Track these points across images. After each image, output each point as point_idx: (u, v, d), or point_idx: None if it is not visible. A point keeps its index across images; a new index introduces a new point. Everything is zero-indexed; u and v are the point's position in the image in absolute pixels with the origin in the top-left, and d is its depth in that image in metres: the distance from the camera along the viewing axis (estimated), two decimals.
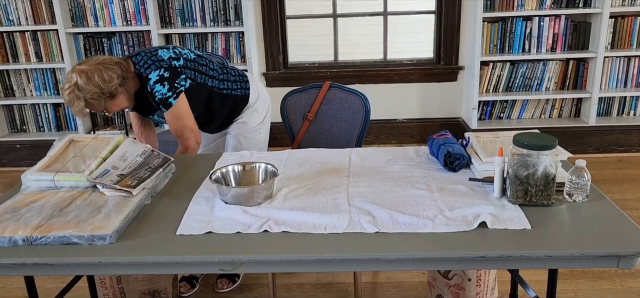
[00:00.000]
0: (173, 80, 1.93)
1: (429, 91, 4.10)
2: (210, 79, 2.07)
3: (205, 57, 2.11)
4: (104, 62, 1.86)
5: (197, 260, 1.27)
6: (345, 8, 4.03)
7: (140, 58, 1.95)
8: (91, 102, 1.85)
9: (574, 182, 1.43)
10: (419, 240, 1.29)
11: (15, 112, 4.10)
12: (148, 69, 1.93)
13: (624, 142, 3.81)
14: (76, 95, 1.82)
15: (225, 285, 2.35)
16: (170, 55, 1.97)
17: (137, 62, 1.95)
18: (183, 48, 2.07)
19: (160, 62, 1.93)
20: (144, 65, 1.93)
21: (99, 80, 1.82)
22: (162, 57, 1.95)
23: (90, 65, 1.84)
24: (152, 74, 1.92)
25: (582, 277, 2.34)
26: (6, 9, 3.75)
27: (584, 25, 3.72)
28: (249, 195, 1.49)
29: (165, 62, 1.94)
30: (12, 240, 1.32)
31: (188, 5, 3.78)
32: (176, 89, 1.94)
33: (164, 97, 1.92)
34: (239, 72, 2.22)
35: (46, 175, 1.61)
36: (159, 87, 1.92)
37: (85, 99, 1.84)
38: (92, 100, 1.85)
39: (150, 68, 1.92)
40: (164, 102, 1.93)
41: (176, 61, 1.97)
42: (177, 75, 1.95)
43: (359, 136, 2.39)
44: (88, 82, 1.81)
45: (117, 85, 1.87)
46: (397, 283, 2.35)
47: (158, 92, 1.92)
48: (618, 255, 1.21)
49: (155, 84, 1.91)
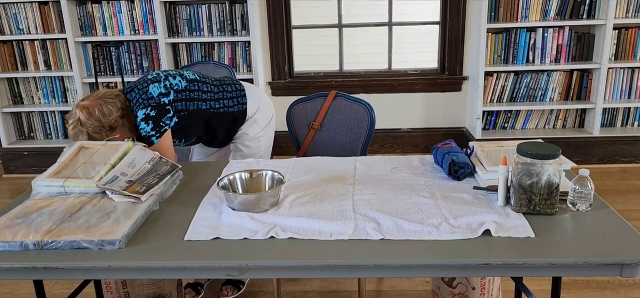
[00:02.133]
0: (159, 118, 2.00)
1: (433, 101, 4.12)
2: (204, 102, 2.12)
3: (198, 81, 2.14)
4: (104, 96, 1.95)
5: (204, 265, 1.29)
6: (350, 18, 4.06)
7: (134, 94, 2.02)
8: (93, 135, 1.93)
9: (577, 191, 1.44)
10: (423, 247, 1.30)
11: (24, 119, 4.14)
12: (136, 107, 2.00)
13: (628, 153, 3.81)
14: (79, 130, 1.92)
15: (230, 292, 2.36)
16: (161, 91, 2.02)
17: (131, 100, 2.03)
18: (176, 75, 2.10)
19: (149, 100, 2.00)
20: (135, 102, 2.01)
21: (99, 114, 1.91)
22: (151, 95, 2.01)
23: (92, 100, 1.93)
24: (139, 112, 1.99)
25: (586, 287, 2.34)
26: (16, 17, 3.81)
27: (587, 37, 3.74)
28: (256, 201, 1.51)
29: (154, 100, 2.00)
30: (23, 245, 1.34)
31: (195, 15, 3.83)
32: (161, 128, 2.01)
33: (148, 134, 1.99)
34: (236, 87, 2.23)
35: (56, 181, 1.63)
36: (144, 125, 1.99)
37: (88, 133, 1.92)
38: (94, 133, 1.93)
39: (139, 106, 2.00)
40: (146, 139, 2.00)
41: (165, 97, 2.02)
42: (164, 113, 2.01)
43: (364, 145, 2.41)
44: (89, 117, 1.90)
45: (117, 118, 1.95)
46: (402, 292, 2.35)
47: (143, 129, 1.99)
48: (621, 263, 1.23)
49: (141, 122, 1.99)
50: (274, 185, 1.63)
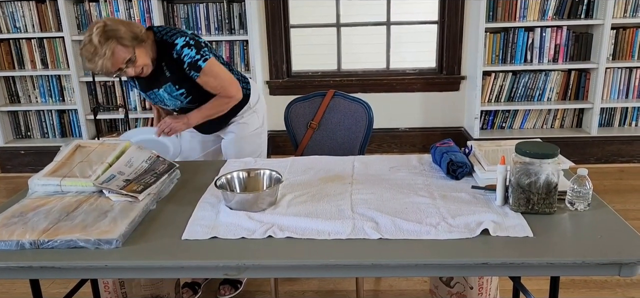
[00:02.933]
0: (199, 47, 1.97)
1: (431, 100, 4.12)
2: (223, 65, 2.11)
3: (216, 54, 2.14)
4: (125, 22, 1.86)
5: (202, 264, 1.28)
6: (348, 18, 4.06)
7: (162, 28, 1.98)
8: (122, 44, 1.79)
9: (575, 191, 1.44)
10: (421, 247, 1.30)
11: (20, 118, 4.13)
12: (173, 36, 1.95)
13: (626, 153, 3.82)
14: (107, 35, 1.76)
15: (228, 291, 2.35)
16: (193, 32, 2.03)
17: (157, 31, 1.97)
18: None
19: (185, 32, 1.99)
20: (169, 33, 1.96)
21: (127, 26, 1.82)
22: (186, 31, 2.00)
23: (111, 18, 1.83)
24: (178, 40, 1.94)
25: (584, 287, 2.34)
26: (13, 16, 3.79)
27: (585, 36, 3.74)
28: (254, 201, 1.50)
29: (189, 35, 1.99)
30: (19, 244, 1.33)
31: (193, 14, 3.82)
32: (203, 54, 1.97)
33: (193, 60, 1.94)
34: (242, 74, 2.26)
35: (53, 180, 1.63)
36: (188, 51, 1.93)
37: (117, 39, 1.78)
38: (123, 41, 1.79)
39: (175, 35, 1.96)
40: (193, 65, 1.95)
41: (198, 38, 2.01)
42: (201, 46, 1.98)
43: (362, 144, 2.41)
44: (117, 24, 1.80)
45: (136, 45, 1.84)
46: (400, 292, 2.35)
47: (187, 55, 1.93)
48: (619, 263, 1.22)
49: (183, 48, 1.93)
50: (271, 184, 1.62)
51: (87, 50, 1.79)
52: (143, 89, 2.10)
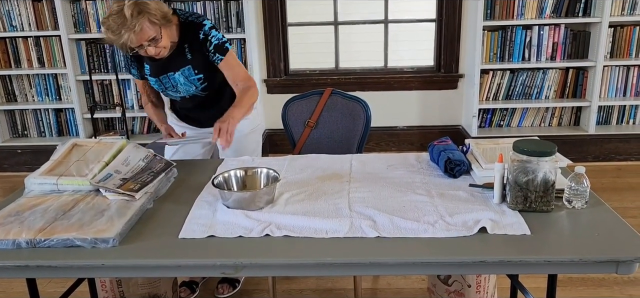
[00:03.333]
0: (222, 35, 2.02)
1: (429, 99, 4.12)
2: None
3: None
4: None
5: (199, 263, 1.28)
6: (346, 16, 4.05)
7: (185, 11, 1.99)
8: (152, 21, 1.76)
9: (573, 189, 1.44)
10: (419, 245, 1.30)
11: (17, 117, 4.11)
12: (200, 18, 1.97)
13: (623, 151, 3.82)
14: (139, 10, 1.72)
15: (226, 290, 2.35)
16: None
17: (182, 14, 1.97)
18: None
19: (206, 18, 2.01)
20: (194, 15, 1.98)
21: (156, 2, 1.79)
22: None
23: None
24: (206, 22, 1.97)
25: (582, 285, 2.34)
26: (9, 14, 3.78)
27: (583, 35, 3.74)
28: (251, 199, 1.50)
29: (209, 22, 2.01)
30: (15, 243, 1.33)
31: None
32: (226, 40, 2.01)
33: (221, 41, 1.97)
34: None
35: (49, 179, 1.62)
36: (215, 32, 1.96)
37: (148, 14, 1.74)
38: (153, 18, 1.76)
39: (201, 18, 1.98)
40: (220, 46, 1.96)
41: None
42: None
43: (360, 143, 2.40)
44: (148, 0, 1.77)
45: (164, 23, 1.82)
46: (397, 290, 2.35)
47: (214, 36, 1.95)
48: (617, 260, 1.23)
49: (211, 29, 1.96)
50: (269, 182, 1.62)
51: (115, 21, 1.72)
52: (155, 73, 2.03)
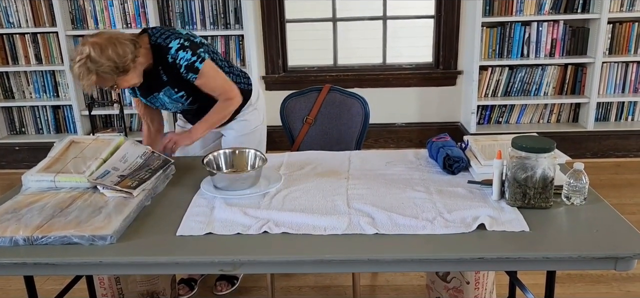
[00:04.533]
0: (194, 49, 1.91)
1: (427, 95, 4.12)
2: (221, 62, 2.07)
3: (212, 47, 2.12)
4: (117, 37, 1.79)
5: (197, 260, 1.28)
6: (344, 12, 4.04)
7: (157, 31, 1.93)
8: (103, 76, 1.76)
9: (572, 185, 1.44)
10: (418, 242, 1.30)
11: (15, 114, 4.10)
12: (168, 39, 1.90)
13: (622, 147, 3.82)
14: (88, 68, 1.73)
15: (224, 287, 2.35)
16: (188, 32, 1.98)
17: (153, 34, 1.92)
18: None
19: (179, 33, 1.93)
20: (163, 36, 1.91)
21: (113, 55, 1.75)
22: (180, 32, 1.95)
23: (103, 38, 1.76)
24: (172, 43, 1.89)
25: (580, 281, 2.34)
26: (6, 11, 3.76)
27: (582, 31, 3.74)
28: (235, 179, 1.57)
29: (184, 35, 1.93)
30: (13, 240, 1.32)
31: (188, 8, 3.79)
32: (199, 54, 1.91)
33: (190, 62, 1.89)
34: (242, 71, 2.23)
35: (47, 176, 1.61)
36: (183, 53, 1.88)
37: (97, 73, 1.74)
38: (104, 74, 1.76)
39: (170, 38, 1.90)
40: (190, 67, 1.90)
41: (193, 38, 1.96)
42: (197, 46, 1.93)
43: (358, 139, 2.40)
44: (101, 56, 1.73)
45: (130, 61, 1.80)
46: (396, 287, 2.35)
47: (182, 58, 1.88)
48: (615, 257, 1.22)
49: (178, 51, 1.88)
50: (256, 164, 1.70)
51: (72, 71, 1.77)
52: (144, 94, 2.06)
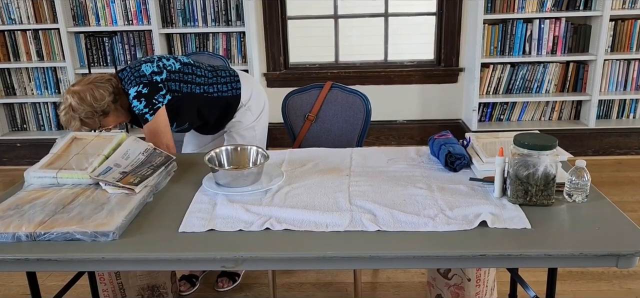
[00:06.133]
0: (151, 96, 1.96)
1: (429, 93, 4.11)
2: (198, 86, 2.09)
3: (192, 65, 2.12)
4: (96, 81, 1.94)
5: (199, 256, 1.28)
6: (346, 9, 4.04)
7: (126, 74, 2.01)
8: (86, 121, 1.92)
9: (573, 183, 1.44)
10: (419, 239, 1.30)
11: (16, 111, 4.10)
12: (129, 85, 1.98)
13: (624, 145, 3.82)
14: (71, 116, 1.91)
15: (226, 284, 2.35)
16: (153, 69, 2.00)
17: (122, 78, 2.01)
18: (170, 58, 2.09)
19: (141, 77, 1.97)
20: (127, 81, 1.99)
21: (91, 100, 1.89)
22: (143, 73, 1.98)
23: (83, 85, 1.92)
24: (131, 90, 1.97)
25: (581, 278, 2.34)
26: (8, 7, 3.76)
27: (584, 28, 3.73)
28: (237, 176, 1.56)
29: (147, 77, 1.97)
30: (15, 236, 1.32)
31: (189, 5, 3.79)
32: (154, 105, 1.97)
33: (141, 112, 1.97)
34: (230, 73, 2.22)
35: (49, 173, 1.62)
36: (136, 103, 1.96)
37: (81, 119, 1.91)
38: (87, 119, 1.92)
39: (131, 84, 1.97)
40: (141, 117, 1.98)
41: (158, 76, 1.99)
42: (157, 91, 1.98)
43: (360, 136, 2.40)
44: (81, 103, 1.89)
45: (109, 102, 1.93)
46: (397, 284, 2.35)
47: (136, 107, 1.97)
48: (617, 254, 1.22)
49: (134, 99, 1.96)
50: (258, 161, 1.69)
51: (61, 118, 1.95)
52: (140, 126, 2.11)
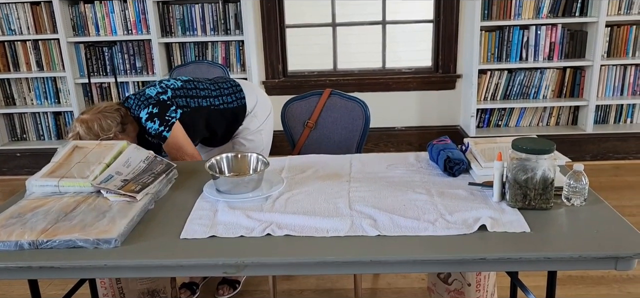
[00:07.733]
0: (163, 114, 2.00)
1: (427, 99, 4.14)
2: (204, 99, 2.13)
3: (193, 80, 2.17)
4: (105, 110, 1.96)
5: (201, 262, 1.29)
6: (344, 17, 4.07)
7: (132, 102, 2.04)
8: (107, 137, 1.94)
9: (572, 186, 1.45)
10: (420, 243, 1.31)
11: (16, 121, 4.11)
12: (138, 109, 2.01)
13: (621, 150, 3.84)
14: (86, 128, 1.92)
15: (226, 291, 2.36)
16: (158, 90, 2.05)
17: (130, 107, 2.04)
18: (170, 79, 2.15)
19: (149, 99, 2.01)
20: (135, 107, 2.02)
21: (98, 129, 1.92)
22: (149, 95, 2.03)
23: (91, 114, 1.94)
24: (142, 113, 2.00)
25: (581, 283, 2.35)
26: (8, 18, 3.78)
27: (580, 34, 3.76)
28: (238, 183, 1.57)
29: (153, 98, 2.01)
30: (18, 244, 1.33)
31: (188, 14, 3.82)
32: (167, 121, 2.01)
33: (157, 132, 2.00)
34: (231, 83, 2.25)
35: (50, 181, 1.62)
36: (151, 124, 1.99)
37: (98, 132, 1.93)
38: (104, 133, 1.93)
39: (140, 107, 2.00)
40: (159, 136, 2.01)
41: (164, 95, 2.04)
42: (167, 108, 2.02)
43: (359, 143, 2.41)
44: (88, 132, 1.91)
45: (116, 132, 1.96)
46: (397, 289, 2.36)
47: (151, 128, 2.00)
48: (616, 256, 1.23)
49: (147, 121, 1.99)
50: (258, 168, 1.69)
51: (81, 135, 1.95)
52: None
